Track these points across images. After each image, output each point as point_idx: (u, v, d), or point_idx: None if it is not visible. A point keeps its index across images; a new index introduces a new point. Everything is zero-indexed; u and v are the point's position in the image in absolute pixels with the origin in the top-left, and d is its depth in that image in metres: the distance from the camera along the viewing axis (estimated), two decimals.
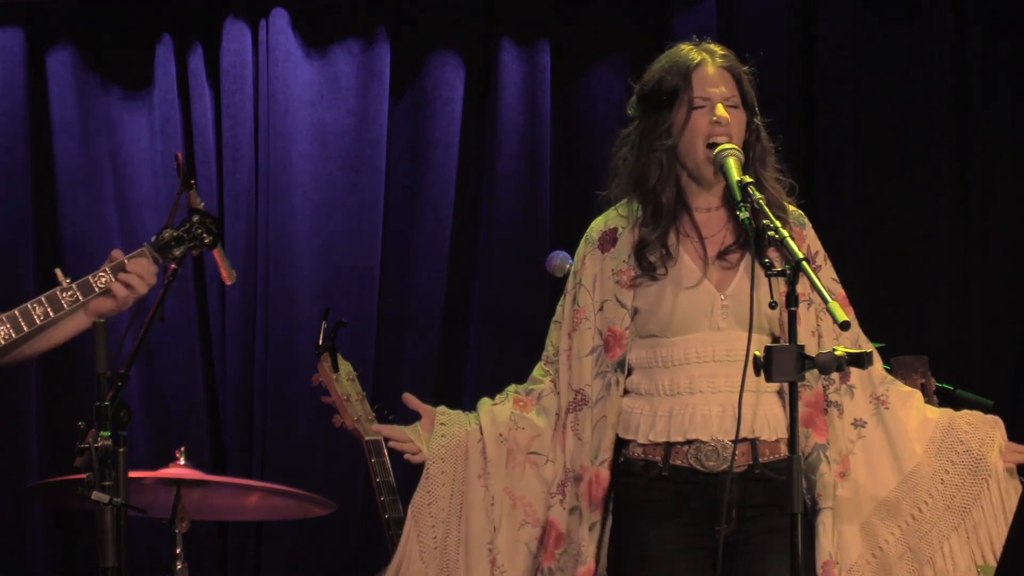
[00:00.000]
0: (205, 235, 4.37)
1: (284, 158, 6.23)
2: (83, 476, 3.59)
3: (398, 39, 6.30)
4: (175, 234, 4.34)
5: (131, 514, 3.65)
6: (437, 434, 4.01)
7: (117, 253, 4.28)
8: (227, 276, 4.41)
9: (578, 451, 3.92)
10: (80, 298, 4.20)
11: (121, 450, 3.60)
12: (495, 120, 6.25)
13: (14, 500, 6.09)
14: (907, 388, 4.04)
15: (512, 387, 4.09)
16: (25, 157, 6.24)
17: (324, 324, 4.98)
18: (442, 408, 4.06)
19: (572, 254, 4.98)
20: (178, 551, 5.10)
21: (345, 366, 4.98)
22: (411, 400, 4.11)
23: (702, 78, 3.91)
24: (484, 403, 4.08)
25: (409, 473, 6.05)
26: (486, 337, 6.25)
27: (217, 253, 4.42)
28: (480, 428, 4.02)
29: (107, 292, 4.21)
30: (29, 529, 6.15)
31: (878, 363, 4.00)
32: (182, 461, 5.19)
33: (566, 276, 5.03)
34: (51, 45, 6.27)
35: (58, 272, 4.22)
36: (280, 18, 6.25)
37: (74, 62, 6.27)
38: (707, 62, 3.93)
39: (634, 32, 6.28)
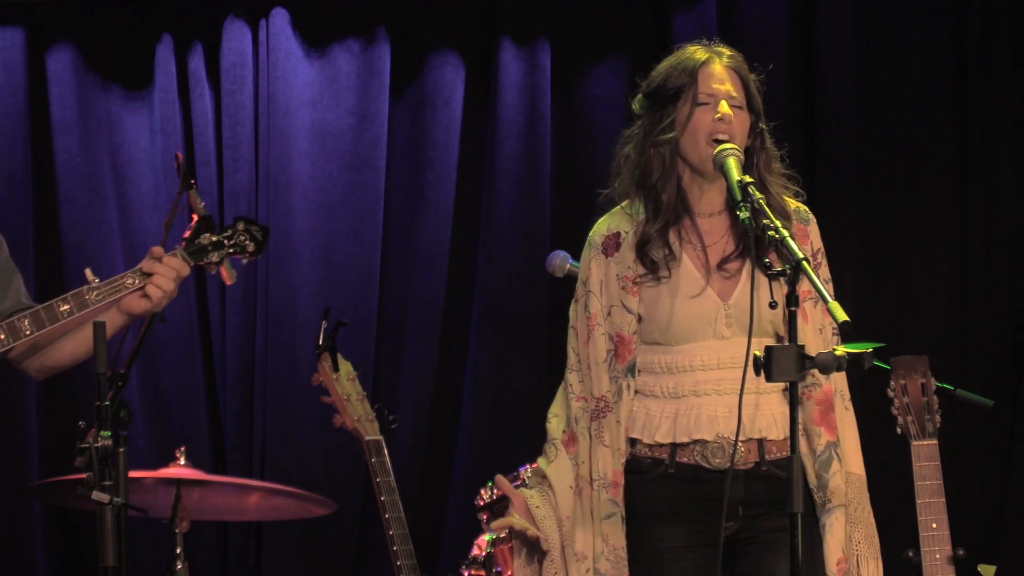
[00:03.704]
0: (249, 243, 4.28)
1: (284, 158, 6.22)
2: (83, 476, 3.59)
3: (398, 39, 6.30)
4: (214, 239, 4.26)
5: (131, 514, 3.65)
6: (539, 516, 3.94)
7: (157, 250, 4.22)
8: (227, 276, 4.40)
9: (606, 458, 3.91)
10: (107, 298, 4.16)
11: (121, 450, 3.60)
12: (495, 120, 6.25)
13: (14, 500, 6.09)
14: (850, 426, 4.00)
15: (552, 427, 4.01)
16: (25, 157, 6.24)
17: (324, 324, 4.99)
18: (529, 493, 3.98)
19: (572, 254, 4.99)
20: (178, 551, 5.11)
21: (345, 366, 4.99)
22: (502, 483, 4.10)
23: (708, 75, 3.91)
24: (546, 468, 3.99)
25: (409, 473, 6.09)
26: (486, 337, 6.25)
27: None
28: (556, 498, 3.97)
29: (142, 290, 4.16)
30: (29, 529, 6.15)
31: (839, 380, 3.97)
32: (182, 461, 5.19)
33: (566, 276, 5.04)
34: (51, 45, 6.27)
35: (88, 272, 4.20)
36: (280, 18, 6.25)
37: (74, 62, 6.27)
38: (714, 60, 3.93)
39: (634, 32, 6.27)
